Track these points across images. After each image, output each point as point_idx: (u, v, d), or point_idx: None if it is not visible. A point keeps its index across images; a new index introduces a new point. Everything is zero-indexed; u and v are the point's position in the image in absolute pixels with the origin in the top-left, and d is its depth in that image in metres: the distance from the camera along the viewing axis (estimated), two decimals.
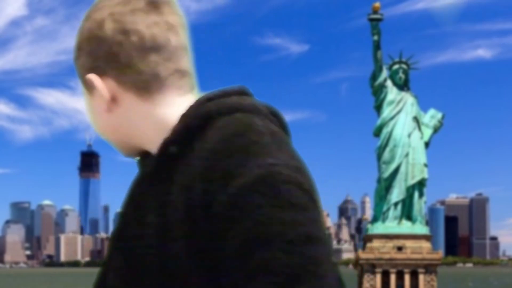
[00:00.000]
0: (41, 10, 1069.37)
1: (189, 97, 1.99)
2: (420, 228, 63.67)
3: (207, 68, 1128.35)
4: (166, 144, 1.93)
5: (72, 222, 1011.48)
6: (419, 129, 64.74)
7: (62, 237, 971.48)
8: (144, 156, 2.15)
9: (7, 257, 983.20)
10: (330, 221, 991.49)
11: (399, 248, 62.75)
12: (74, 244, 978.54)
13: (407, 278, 62.40)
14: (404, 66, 65.25)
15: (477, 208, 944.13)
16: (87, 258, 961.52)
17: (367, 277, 63.15)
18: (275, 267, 1.64)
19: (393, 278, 62.53)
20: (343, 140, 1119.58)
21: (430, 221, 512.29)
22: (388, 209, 63.72)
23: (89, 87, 2.06)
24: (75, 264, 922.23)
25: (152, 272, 1.86)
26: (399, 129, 64.18)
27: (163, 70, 1.96)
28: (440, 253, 64.28)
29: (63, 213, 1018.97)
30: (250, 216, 1.68)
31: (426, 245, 62.82)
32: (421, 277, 62.07)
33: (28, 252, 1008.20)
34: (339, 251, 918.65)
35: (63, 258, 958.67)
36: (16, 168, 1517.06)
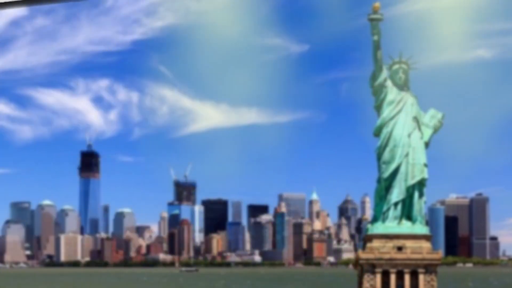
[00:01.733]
0: (41, 10, 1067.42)
1: None
2: (420, 228, 63.79)
3: (207, 68, 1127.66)
4: None
5: (72, 222, 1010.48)
6: (419, 129, 64.89)
7: (62, 237, 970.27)
8: None
9: (7, 257, 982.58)
10: (330, 221, 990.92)
11: (399, 248, 62.89)
12: (74, 244, 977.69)
13: (407, 278, 62.52)
14: (404, 66, 65.41)
15: (477, 208, 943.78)
16: (87, 258, 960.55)
17: (367, 277, 63.27)
18: None
19: (393, 278, 62.65)
20: (343, 140, 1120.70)
21: (430, 221, 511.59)
22: (388, 209, 63.86)
23: None
24: (75, 264, 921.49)
25: None
26: (399, 129, 64.32)
27: None
28: (440, 253, 64.28)
29: (63, 213, 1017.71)
30: None
31: (426, 245, 62.95)
32: (421, 277, 62.18)
33: (28, 252, 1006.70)
34: (339, 251, 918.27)
35: (63, 258, 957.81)
36: (16, 168, 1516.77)
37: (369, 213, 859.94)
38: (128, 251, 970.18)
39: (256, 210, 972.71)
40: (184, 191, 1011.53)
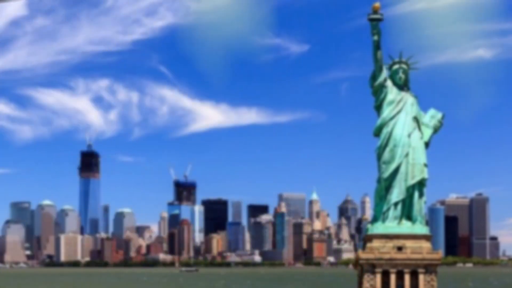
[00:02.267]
0: (41, 10, 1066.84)
1: None
2: (420, 228, 63.74)
3: (207, 68, 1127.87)
4: None
5: (72, 222, 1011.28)
6: (419, 129, 64.86)
7: (62, 237, 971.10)
8: None
9: (7, 257, 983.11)
10: (330, 221, 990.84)
11: (399, 248, 62.80)
12: (74, 244, 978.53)
13: (407, 278, 62.45)
14: (404, 66, 65.39)
15: (477, 208, 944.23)
16: (87, 258, 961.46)
17: (367, 277, 63.21)
18: None
19: (393, 278, 62.58)
20: (343, 140, 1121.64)
21: (430, 221, 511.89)
22: (388, 209, 63.80)
23: None
24: (75, 264, 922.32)
25: None
26: (399, 129, 64.26)
27: None
28: (440, 253, 64.22)
29: (63, 213, 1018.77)
30: None
31: (426, 245, 62.89)
32: (421, 277, 62.10)
33: (28, 252, 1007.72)
34: (339, 251, 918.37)
35: (63, 258, 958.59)
36: (16, 168, 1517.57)
37: (369, 213, 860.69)
38: (128, 251, 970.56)
39: (256, 210, 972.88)
40: (184, 191, 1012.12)
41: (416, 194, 63.55)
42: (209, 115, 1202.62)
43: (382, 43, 63.18)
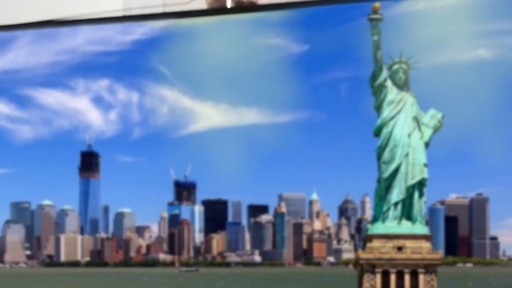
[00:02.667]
0: None
1: None
2: (420, 228, 63.87)
3: (207, 68, 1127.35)
4: None
5: (72, 222, 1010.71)
6: (419, 129, 65.00)
7: (62, 237, 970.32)
8: None
9: (7, 257, 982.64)
10: (330, 221, 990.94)
11: (399, 248, 62.95)
12: (74, 244, 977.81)
13: (407, 278, 62.57)
14: (404, 66, 65.56)
15: (477, 208, 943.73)
16: (87, 258, 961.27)
17: (367, 277, 63.29)
18: None
19: (393, 278, 62.70)
20: (343, 140, 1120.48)
21: (430, 221, 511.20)
22: (388, 209, 63.93)
23: None
24: (75, 264, 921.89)
25: None
26: (399, 129, 64.41)
27: None
28: (440, 253, 64.29)
29: (63, 213, 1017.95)
30: None
31: (426, 245, 63.01)
32: (421, 277, 62.22)
33: (28, 252, 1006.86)
34: (339, 251, 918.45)
35: (63, 258, 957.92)
36: (16, 168, 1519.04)
37: (369, 213, 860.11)
38: (128, 251, 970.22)
39: (256, 210, 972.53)
40: (184, 191, 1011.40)
41: (416, 194, 63.62)
42: (209, 115, 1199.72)
43: (382, 43, 63.25)
